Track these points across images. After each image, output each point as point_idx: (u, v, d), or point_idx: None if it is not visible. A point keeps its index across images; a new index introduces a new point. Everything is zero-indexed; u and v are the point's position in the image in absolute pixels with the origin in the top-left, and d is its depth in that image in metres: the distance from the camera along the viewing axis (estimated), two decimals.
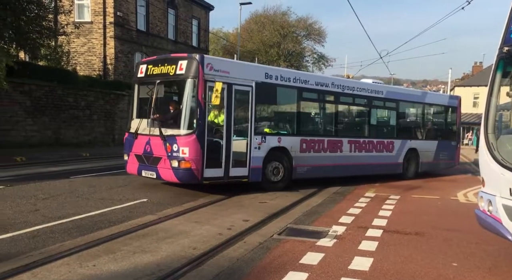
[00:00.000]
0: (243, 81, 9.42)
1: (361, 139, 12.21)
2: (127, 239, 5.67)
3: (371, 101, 12.57)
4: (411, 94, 14.47)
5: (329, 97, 11.58)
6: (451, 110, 15.68)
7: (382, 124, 13.82)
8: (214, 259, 4.96)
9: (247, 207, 8.23)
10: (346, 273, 4.57)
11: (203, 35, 33.35)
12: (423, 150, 13.99)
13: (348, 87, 11.87)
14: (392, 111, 13.50)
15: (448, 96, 16.48)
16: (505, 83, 5.10)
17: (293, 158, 10.32)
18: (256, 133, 9.63)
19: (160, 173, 8.84)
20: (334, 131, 11.72)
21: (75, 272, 4.38)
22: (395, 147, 13.07)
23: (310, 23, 50.03)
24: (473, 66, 55.34)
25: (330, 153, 11.25)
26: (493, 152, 4.74)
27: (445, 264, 5.04)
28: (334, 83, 11.52)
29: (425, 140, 14.37)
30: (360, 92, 12.19)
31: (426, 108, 14.77)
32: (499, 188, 4.60)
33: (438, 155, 14.65)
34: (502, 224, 4.54)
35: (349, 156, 11.71)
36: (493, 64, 5.13)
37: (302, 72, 12.65)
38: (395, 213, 7.98)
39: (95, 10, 23.96)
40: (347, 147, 11.70)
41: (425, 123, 14.92)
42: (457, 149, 15.69)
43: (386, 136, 13.20)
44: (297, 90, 10.59)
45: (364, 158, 12.13)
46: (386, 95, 12.96)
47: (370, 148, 12.33)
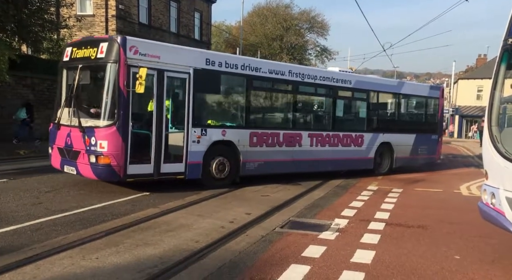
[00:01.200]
0: (178, 67, 8.48)
1: (325, 133, 11.27)
2: (130, 232, 5.69)
3: (337, 91, 11.59)
4: (385, 84, 13.32)
5: (286, 86, 10.67)
6: (432, 101, 14.61)
7: (350, 116, 12.80)
8: (217, 252, 4.97)
9: (250, 201, 8.24)
10: (348, 266, 4.58)
11: (205, 28, 33.21)
12: (398, 144, 12.99)
13: (309, 75, 10.87)
14: (362, 102, 12.49)
15: (428, 87, 15.21)
16: (509, 76, 5.05)
17: (241, 152, 9.47)
18: (195, 125, 8.73)
19: (79, 169, 8.10)
20: (292, 124, 10.80)
21: (78, 265, 4.40)
22: (365, 141, 12.12)
23: (313, 15, 49.75)
24: (477, 59, 54.92)
25: (287, 147, 10.36)
26: (497, 145, 4.71)
27: (447, 257, 5.04)
28: (292, 71, 10.53)
29: (401, 134, 13.24)
30: (324, 81, 11.15)
31: (402, 99, 13.72)
32: (502, 181, 4.58)
33: (416, 149, 13.64)
34: (506, 217, 4.53)
35: (309, 150, 10.86)
36: (497, 56, 5.08)
37: (253, 58, 11.34)
38: (397, 206, 7.97)
39: (97, 3, 23.87)
40: (308, 141, 10.80)
41: (401, 115, 13.90)
42: (438, 143, 14.61)
43: (355, 129, 12.17)
44: (247, 78, 9.68)
45: (328, 153, 11.23)
46: (355, 85, 11.98)
47: (335, 142, 11.41)
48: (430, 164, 14.82)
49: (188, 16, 30.64)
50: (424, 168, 14.48)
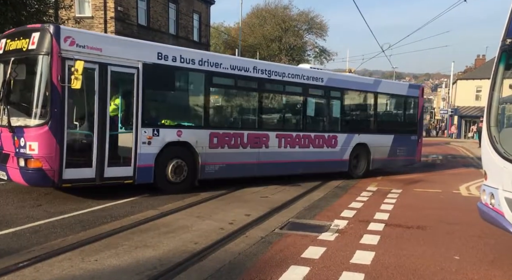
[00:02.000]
0: (124, 61, 7.77)
1: (294, 133, 10.65)
2: (129, 234, 5.68)
3: (308, 89, 10.96)
4: (360, 82, 12.61)
5: (250, 83, 9.97)
6: (411, 100, 13.99)
7: (323, 116, 11.98)
8: (216, 253, 4.96)
9: (249, 202, 8.23)
10: (348, 267, 4.57)
11: (204, 30, 33.22)
12: (375, 145, 12.40)
13: (277, 72, 10.22)
14: (336, 101, 11.87)
15: (407, 85, 14.51)
16: (507, 76, 5.06)
17: (200, 154, 8.85)
18: (145, 125, 8.07)
19: (9, 173, 7.35)
20: (257, 124, 10.09)
21: (77, 267, 4.40)
22: (339, 142, 11.54)
23: (312, 17, 49.74)
24: (476, 59, 55.03)
25: (252, 149, 9.73)
26: (496, 145, 4.72)
27: (447, 257, 5.04)
28: (258, 68, 9.88)
29: (378, 134, 12.66)
30: (293, 78, 10.54)
31: (379, 98, 12.97)
32: (501, 181, 4.58)
33: (395, 150, 13.03)
34: (505, 217, 4.53)
35: (278, 152, 10.23)
36: (496, 56, 5.09)
37: (213, 53, 10.50)
38: (397, 207, 7.97)
39: (95, 5, 23.87)
40: (275, 142, 10.17)
41: (378, 115, 13.09)
42: (418, 144, 13.94)
43: (328, 129, 11.57)
44: (206, 74, 8.97)
45: (298, 154, 10.62)
46: (328, 83, 11.33)
47: (306, 143, 10.80)
48: (420, 166, 14.45)
49: (187, 17, 30.67)
50: (423, 169, 14.48)
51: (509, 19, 4.94)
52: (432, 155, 21.53)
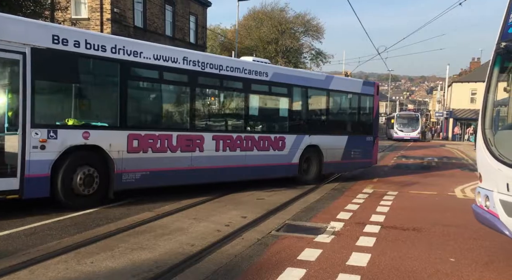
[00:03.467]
0: (4, 45, 6.30)
1: (235, 134, 9.45)
2: (125, 236, 5.66)
3: (250, 85, 9.78)
4: (310, 78, 11.45)
5: (180, 77, 8.67)
6: (366, 99, 13.11)
7: (268, 115, 10.94)
8: (212, 255, 4.96)
9: (245, 204, 8.23)
10: (344, 269, 4.58)
11: (200, 32, 33.25)
12: (327, 147, 11.49)
13: (212, 65, 8.97)
14: (283, 98, 10.76)
15: (361, 82, 13.42)
16: (502, 79, 5.10)
17: (116, 161, 7.41)
18: (37, 126, 6.59)
19: None
20: (190, 124, 8.77)
21: (73, 269, 4.38)
22: (287, 144, 10.50)
23: (308, 19, 49.86)
24: (471, 62, 55.39)
25: (183, 153, 8.44)
26: (491, 148, 4.75)
27: (442, 259, 5.06)
28: (188, 59, 8.56)
29: (331, 135, 11.74)
30: (232, 72, 9.33)
31: (332, 95, 12.00)
32: (496, 184, 4.61)
33: (349, 153, 12.21)
34: (500, 219, 4.55)
35: (215, 157, 9.02)
36: (491, 59, 5.13)
37: (130, 39, 8.48)
38: (393, 209, 8.00)
39: (92, 7, 23.84)
40: (212, 144, 8.95)
41: (331, 114, 12.17)
42: (374, 146, 13.18)
43: (274, 130, 10.59)
44: (121, 64, 7.55)
45: (239, 159, 9.49)
46: (274, 78, 10.21)
47: (249, 145, 9.68)
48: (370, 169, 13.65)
49: (183, 19, 30.68)
50: (419, 171, 14.52)
51: (504, 22, 4.99)
52: (428, 158, 21.62)
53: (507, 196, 4.43)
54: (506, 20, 4.94)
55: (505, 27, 4.93)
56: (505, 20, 4.95)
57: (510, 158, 4.47)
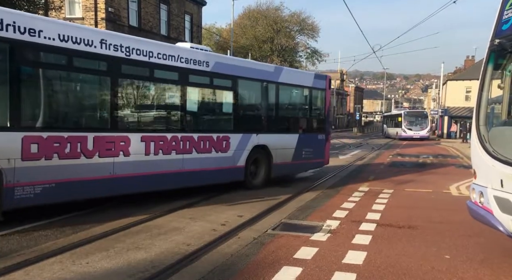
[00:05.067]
0: None
1: (170, 134, 8.01)
2: (121, 236, 5.65)
3: (187, 75, 8.38)
4: (258, 70, 10.28)
5: (97, 64, 7.07)
6: (317, 93, 12.09)
7: (210, 111, 9.44)
8: (208, 255, 4.96)
9: (241, 203, 8.23)
10: (340, 267, 4.59)
11: (196, 31, 33.18)
12: (277, 147, 10.41)
13: (140, 51, 7.49)
14: (227, 92, 9.43)
15: (313, 75, 12.29)
16: (496, 76, 5.12)
17: (6, 171, 5.78)
18: None
19: None
20: (111, 123, 7.19)
21: (68, 270, 4.36)
22: (232, 145, 9.24)
23: (303, 18, 49.98)
24: (465, 60, 55.64)
25: (102, 158, 6.89)
26: (485, 144, 4.78)
27: (438, 256, 5.08)
28: (108, 42, 7.00)
29: (280, 134, 10.74)
30: (165, 60, 7.94)
31: (282, 89, 10.84)
32: (490, 180, 4.63)
33: (300, 153, 11.16)
34: (494, 215, 4.58)
35: (144, 161, 7.50)
36: (485, 57, 5.15)
37: (24, 13, 7.04)
38: (388, 207, 8.03)
39: (86, 6, 23.72)
40: (140, 147, 7.46)
41: (281, 110, 11.04)
42: (326, 144, 12.23)
43: (217, 129, 9.21)
44: (11, 45, 5.90)
45: (175, 163, 8.06)
46: (216, 69, 8.91)
47: (186, 147, 8.28)
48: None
49: (178, 18, 30.60)
50: (414, 169, 14.55)
51: (497, 19, 5.00)
52: (423, 155, 21.72)
53: (501, 192, 4.45)
54: (500, 17, 4.95)
55: (499, 24, 4.94)
56: (499, 17, 4.96)
57: (503, 155, 4.48)
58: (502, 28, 4.89)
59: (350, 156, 20.33)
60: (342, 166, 15.28)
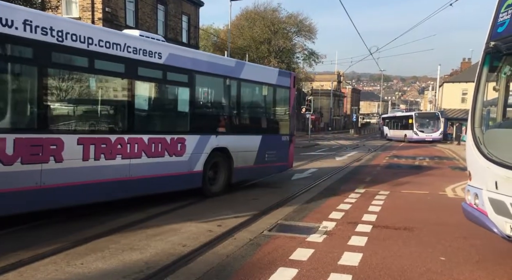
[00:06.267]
0: None
1: (114, 136, 6.91)
2: (116, 237, 5.62)
3: (136, 68, 7.29)
4: (217, 64, 9.24)
5: (19, 50, 5.84)
6: (281, 91, 11.29)
7: (163, 110, 8.42)
8: (204, 256, 4.94)
9: (238, 204, 8.22)
10: (336, 269, 4.59)
11: (193, 32, 33.16)
12: (238, 150, 9.52)
13: (77, 36, 6.27)
14: (183, 88, 8.41)
15: (277, 72, 11.53)
16: (491, 78, 5.14)
17: None
18: None
19: None
20: (38, 122, 6.01)
21: (63, 271, 4.33)
22: (188, 148, 8.24)
23: (301, 19, 50.07)
24: (462, 62, 55.91)
25: (25, 165, 5.67)
26: (480, 146, 4.79)
27: (433, 258, 5.09)
28: (33, 23, 5.79)
29: (242, 135, 9.81)
30: (108, 49, 6.75)
31: (244, 86, 9.96)
32: (485, 182, 4.64)
33: (263, 156, 10.32)
34: (488, 217, 4.60)
35: (81, 168, 6.37)
36: (480, 59, 5.17)
37: None
38: (384, 209, 8.03)
39: (83, 6, 23.67)
40: (77, 151, 6.30)
41: (243, 109, 10.17)
42: (290, 146, 11.44)
43: (171, 129, 8.16)
44: None
45: (120, 169, 6.98)
46: (170, 61, 7.88)
47: (135, 151, 7.20)
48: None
49: (175, 19, 30.58)
50: (410, 171, 14.55)
51: (493, 21, 5.02)
52: (419, 157, 21.77)
53: (495, 194, 4.47)
54: (495, 20, 4.97)
55: (495, 26, 4.96)
56: (495, 20, 4.98)
57: (498, 157, 4.50)
58: (497, 31, 4.91)
59: (346, 157, 20.35)
60: (339, 168, 15.30)
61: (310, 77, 61.11)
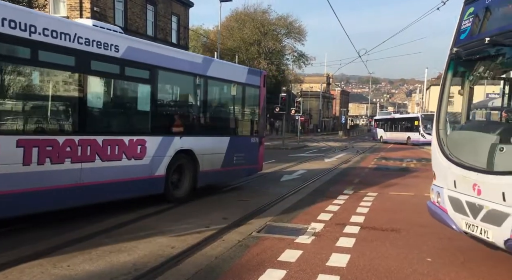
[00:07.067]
0: None
1: (62, 138, 6.15)
2: (103, 239, 5.58)
3: (89, 61, 6.59)
4: (183, 60, 8.59)
5: None
6: (251, 90, 10.73)
7: (120, 108, 7.74)
8: (192, 257, 4.93)
9: (227, 205, 8.22)
10: (324, 270, 4.62)
11: (182, 32, 33.06)
12: (204, 152, 8.93)
13: (15, 23, 5.54)
14: (143, 85, 7.78)
15: (246, 70, 10.89)
16: (455, 83, 5.46)
17: None
18: None
19: None
20: None
21: (49, 273, 4.29)
22: (149, 150, 7.61)
23: (291, 21, 50.34)
24: None
25: None
26: (443, 148, 5.09)
27: (419, 259, 5.16)
28: None
29: (209, 136, 9.24)
30: (55, 39, 6.02)
31: (211, 85, 9.43)
32: (446, 181, 4.96)
33: (231, 158, 9.78)
34: (448, 214, 4.92)
35: (21, 174, 5.61)
36: (445, 64, 5.45)
37: None
38: (372, 210, 8.11)
39: (71, 5, 23.44)
40: (15, 155, 5.56)
41: (210, 109, 9.62)
42: (259, 148, 10.94)
43: (129, 130, 7.54)
44: None
45: (70, 174, 6.23)
46: (128, 55, 7.21)
47: (87, 154, 6.49)
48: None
49: (165, 19, 30.45)
50: (398, 173, 14.68)
51: (457, 29, 5.29)
52: (407, 159, 22.01)
53: (454, 192, 4.78)
54: (459, 27, 5.25)
55: (458, 34, 5.25)
56: (458, 27, 5.26)
57: (458, 157, 4.80)
58: (460, 37, 5.21)
59: (335, 159, 20.48)
60: (327, 169, 15.38)
61: (300, 79, 61.42)
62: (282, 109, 28.50)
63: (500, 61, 4.98)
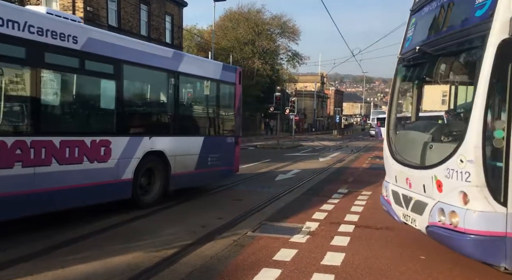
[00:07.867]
0: None
1: (11, 139, 5.43)
2: (98, 239, 5.56)
3: (42, 53, 5.88)
4: (151, 54, 7.96)
5: None
6: (225, 88, 10.21)
7: (80, 106, 6.97)
8: (187, 257, 4.93)
9: (222, 205, 8.22)
10: (318, 269, 4.63)
11: (176, 32, 32.97)
12: (176, 154, 8.36)
13: None
14: (107, 81, 7.18)
15: (220, 66, 10.34)
16: (403, 86, 5.94)
17: None
18: None
19: None
20: None
21: (43, 274, 4.26)
22: (115, 152, 6.97)
23: (285, 21, 50.41)
24: None
25: None
26: (391, 146, 5.54)
27: (413, 257, 5.19)
28: None
29: (181, 137, 8.65)
30: (2, 27, 5.32)
31: (183, 81, 8.85)
32: (391, 176, 5.46)
33: (206, 160, 9.25)
34: (391, 206, 5.38)
35: None
36: (394, 69, 5.85)
37: None
38: (366, 209, 8.14)
39: (63, 5, 23.29)
40: None
41: (182, 107, 9.07)
42: (235, 149, 10.46)
43: (92, 130, 6.91)
44: None
45: (21, 180, 5.52)
46: (89, 48, 6.53)
47: (41, 156, 5.78)
48: None
49: (159, 19, 30.36)
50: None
51: (404, 37, 5.71)
52: None
53: (395, 186, 5.28)
54: (405, 35, 5.68)
55: (404, 41, 5.68)
56: (405, 35, 5.69)
57: (400, 155, 5.30)
58: (405, 45, 5.66)
59: (330, 158, 20.53)
60: (322, 168, 15.42)
61: (294, 78, 61.49)
62: (277, 109, 28.49)
63: (429, 67, 5.37)
